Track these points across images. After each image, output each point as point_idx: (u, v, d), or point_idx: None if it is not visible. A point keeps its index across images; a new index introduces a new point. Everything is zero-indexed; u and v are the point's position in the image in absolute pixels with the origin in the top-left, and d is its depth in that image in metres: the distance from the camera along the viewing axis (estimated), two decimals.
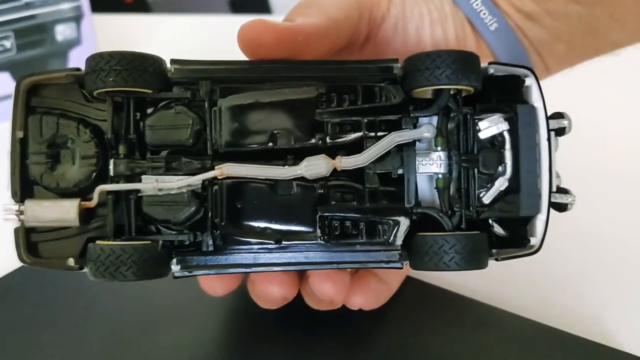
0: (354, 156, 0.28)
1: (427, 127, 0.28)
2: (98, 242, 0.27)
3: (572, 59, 0.39)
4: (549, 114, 0.30)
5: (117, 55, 0.26)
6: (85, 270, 0.27)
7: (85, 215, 0.28)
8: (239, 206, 0.28)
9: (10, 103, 0.28)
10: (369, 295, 0.32)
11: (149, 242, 0.27)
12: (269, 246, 0.28)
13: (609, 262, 0.43)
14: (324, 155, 0.28)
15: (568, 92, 0.44)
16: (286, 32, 0.28)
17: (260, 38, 0.28)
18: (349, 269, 0.31)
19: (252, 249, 0.28)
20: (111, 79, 0.26)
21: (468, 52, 0.28)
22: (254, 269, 0.28)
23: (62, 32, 0.63)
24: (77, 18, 0.64)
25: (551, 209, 0.30)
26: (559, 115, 0.30)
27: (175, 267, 0.28)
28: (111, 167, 0.28)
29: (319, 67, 0.29)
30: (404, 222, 0.28)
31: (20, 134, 0.28)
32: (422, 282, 0.38)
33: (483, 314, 0.37)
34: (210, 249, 0.28)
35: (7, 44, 0.59)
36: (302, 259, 0.28)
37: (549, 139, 0.29)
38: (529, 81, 0.29)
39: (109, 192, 0.27)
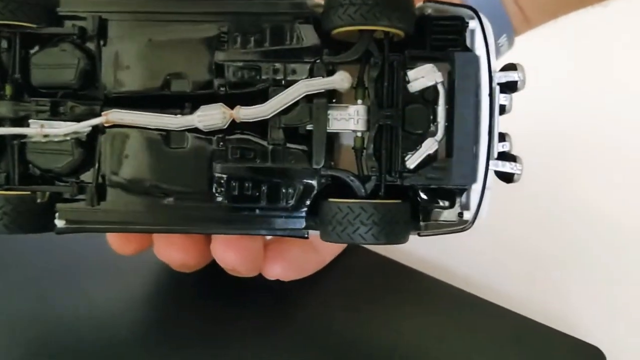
0: (256, 106, 0.24)
1: (341, 75, 0.24)
2: None
3: (556, 8, 0.33)
4: (500, 66, 0.25)
5: None
6: None
7: None
8: (128, 158, 0.25)
9: None
10: (287, 265, 0.28)
11: (28, 193, 0.24)
12: (159, 204, 0.25)
13: (581, 249, 0.38)
14: (221, 104, 0.24)
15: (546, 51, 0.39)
16: None
17: None
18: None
19: (141, 206, 0.25)
20: None
21: None
22: (139, 229, 0.25)
23: None
24: None
25: (496, 179, 0.25)
26: (510, 67, 0.25)
27: (58, 222, 0.25)
28: None
29: (221, 1, 0.25)
30: (312, 186, 0.25)
31: None
32: (370, 251, 0.35)
33: (428, 286, 0.34)
34: (95, 204, 0.25)
35: None
36: (194, 221, 0.25)
37: (490, 95, 0.24)
38: (473, 24, 0.24)
39: None
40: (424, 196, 0.25)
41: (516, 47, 0.35)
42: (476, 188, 0.24)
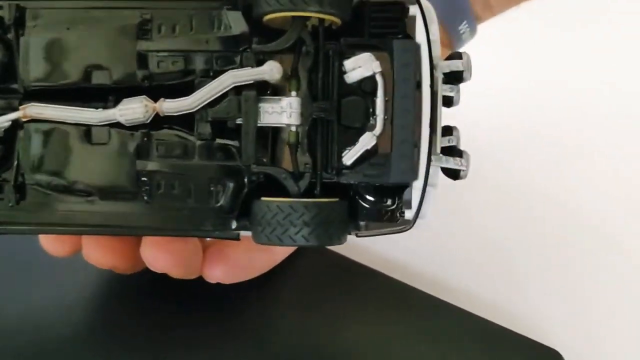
0: (180, 99, 0.22)
1: (270, 65, 0.22)
2: None
3: None
4: (451, 53, 0.24)
5: None
6: None
7: None
8: (48, 155, 0.23)
9: None
10: (229, 268, 0.27)
11: None
12: (83, 204, 0.24)
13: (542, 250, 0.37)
14: (143, 97, 0.22)
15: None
16: None
17: None
18: None
19: (63, 206, 0.24)
20: None
21: None
22: (60, 231, 0.24)
23: None
24: None
25: (443, 175, 0.24)
26: (455, 56, 0.23)
27: None
28: None
29: None
30: (242, 184, 0.23)
31: None
32: (327, 249, 0.33)
33: (386, 287, 0.32)
34: (11, 203, 0.24)
35: None
36: (119, 221, 0.23)
37: (432, 86, 0.22)
38: (414, 10, 0.23)
39: None
40: (363, 194, 0.23)
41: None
42: (417, 185, 0.22)
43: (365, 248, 0.35)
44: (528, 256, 0.37)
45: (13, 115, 0.23)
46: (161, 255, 0.25)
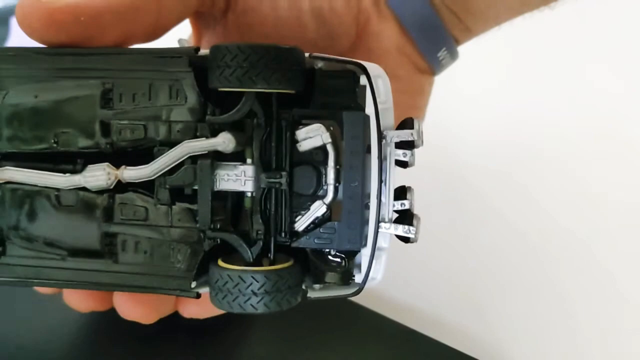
0: (139, 167, 0.24)
1: (223, 137, 0.23)
2: None
3: (497, 15, 0.31)
4: (404, 119, 0.24)
5: None
6: None
7: None
8: (24, 215, 0.25)
9: None
10: (202, 303, 0.28)
11: None
12: (55, 261, 0.25)
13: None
14: (106, 164, 0.24)
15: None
16: (61, 12, 0.23)
17: (31, 20, 0.23)
18: None
19: (38, 262, 0.25)
20: None
21: (273, 46, 0.22)
22: (36, 284, 0.26)
23: None
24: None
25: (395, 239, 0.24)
26: (406, 124, 0.23)
27: None
28: None
29: (104, 58, 0.24)
30: (199, 247, 0.24)
31: None
32: None
33: (349, 313, 0.33)
34: None
35: None
36: (88, 278, 0.25)
37: (381, 157, 0.23)
38: (364, 80, 0.23)
39: None
40: (315, 258, 0.24)
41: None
42: (365, 253, 0.23)
43: None
44: (494, 279, 0.37)
45: None
46: (132, 307, 0.26)
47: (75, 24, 0.24)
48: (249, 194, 0.24)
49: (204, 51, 0.23)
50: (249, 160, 0.24)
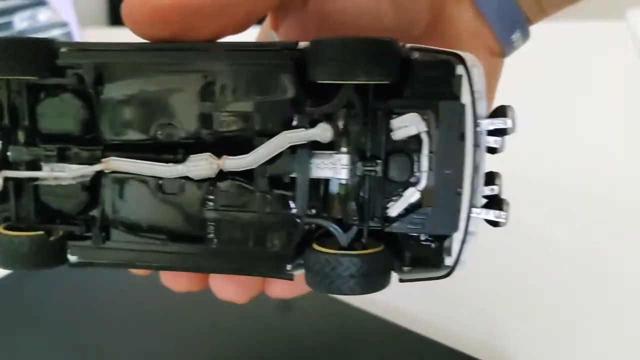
0: (240, 157, 0.25)
1: (322, 128, 0.24)
2: (0, 229, 0.27)
3: None
4: (494, 107, 0.24)
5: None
6: None
7: None
8: (128, 202, 0.26)
9: None
10: (290, 284, 0.30)
11: (41, 232, 0.27)
12: (157, 245, 0.27)
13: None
14: (208, 154, 0.25)
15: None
16: (168, 7, 0.24)
17: (139, 17, 0.25)
18: None
19: (141, 246, 0.27)
20: None
21: (373, 39, 0.23)
22: (138, 266, 0.27)
23: None
24: None
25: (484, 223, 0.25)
26: (500, 112, 0.24)
27: (71, 257, 0.27)
28: (9, 153, 0.27)
29: (206, 53, 0.25)
30: (295, 232, 0.25)
31: None
32: None
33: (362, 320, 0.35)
34: (100, 242, 0.27)
35: None
36: (189, 261, 0.26)
37: (475, 145, 0.23)
38: (460, 70, 0.24)
39: (9, 179, 0.27)
40: (406, 242, 0.25)
41: None
42: (457, 237, 0.24)
43: None
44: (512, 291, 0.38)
45: (96, 168, 0.26)
46: (228, 287, 0.28)
47: (179, 18, 0.25)
48: (342, 182, 0.25)
49: (302, 44, 0.24)
50: (343, 149, 0.25)
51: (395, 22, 0.30)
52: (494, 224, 0.25)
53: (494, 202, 0.25)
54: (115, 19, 0.81)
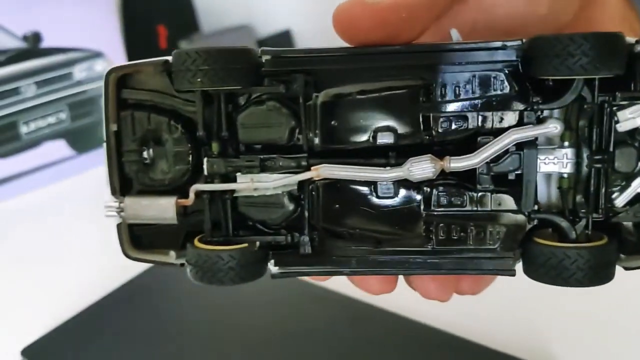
0: (466, 157, 0.24)
1: (553, 123, 0.24)
2: (196, 243, 0.26)
3: None
4: None
5: (204, 53, 0.24)
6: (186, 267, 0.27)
7: (183, 209, 0.27)
8: (337, 208, 0.26)
9: (67, 165, 0.27)
10: (474, 279, 0.30)
11: (246, 245, 0.26)
12: (368, 249, 0.26)
13: None
14: (430, 156, 0.25)
15: None
16: (388, 10, 0.24)
17: (358, 21, 0.24)
18: None
19: (350, 251, 0.26)
20: (198, 79, 0.24)
21: (609, 33, 0.23)
22: (352, 272, 0.27)
23: None
24: None
25: None
26: None
27: (273, 268, 0.27)
28: (205, 166, 0.26)
29: (423, 53, 0.25)
30: (520, 229, 0.25)
31: (114, 127, 0.27)
32: None
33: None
34: (308, 250, 0.26)
35: (63, 115, 0.73)
36: (403, 263, 0.26)
37: None
38: None
39: (204, 192, 0.27)
40: (630, 230, 0.25)
41: None
42: None
43: None
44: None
45: (308, 175, 0.25)
46: (434, 287, 0.28)
47: (396, 21, 0.24)
48: (565, 175, 0.25)
49: (512, 42, 0.24)
50: (565, 143, 0.25)
51: (549, 11, 0.30)
52: None
53: None
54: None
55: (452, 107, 0.25)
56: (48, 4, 0.70)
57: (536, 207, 0.25)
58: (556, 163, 0.25)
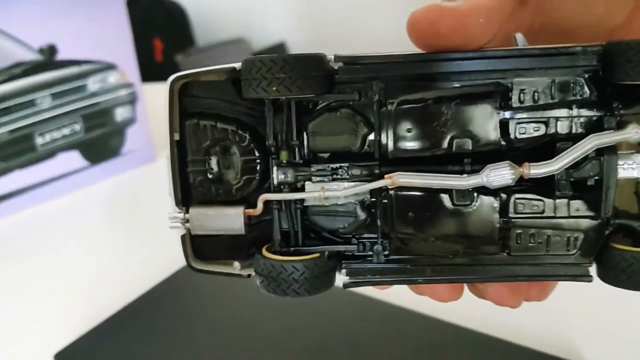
0: (545, 163, 0.24)
1: (635, 128, 0.24)
2: (265, 253, 0.26)
3: None
4: None
5: (280, 61, 0.24)
6: (255, 278, 0.26)
7: (248, 218, 0.27)
8: (411, 216, 0.26)
9: (81, 176, 0.26)
10: (543, 287, 0.29)
11: (317, 255, 0.26)
12: (445, 258, 0.26)
13: None
14: (509, 162, 0.24)
15: None
16: (467, 14, 0.24)
17: (437, 26, 0.24)
18: None
19: (424, 259, 0.26)
20: (274, 88, 0.24)
21: None
22: (427, 280, 0.26)
23: (121, 114, 0.78)
24: (132, 101, 0.79)
25: None
26: None
27: (344, 277, 0.26)
28: (274, 175, 0.26)
29: (499, 59, 0.24)
30: (598, 235, 0.25)
31: (176, 136, 0.27)
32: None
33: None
34: (382, 259, 0.26)
35: (77, 127, 0.73)
36: (479, 271, 0.26)
37: None
38: None
39: (272, 201, 0.26)
40: None
41: None
42: None
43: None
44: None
45: (381, 183, 0.25)
46: (507, 294, 0.27)
47: (474, 25, 0.24)
48: None
49: (592, 47, 0.24)
50: None
51: (604, 12, 0.30)
52: None
53: None
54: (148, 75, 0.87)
55: (530, 112, 0.24)
56: (63, 17, 0.71)
57: (616, 213, 0.25)
58: (635, 168, 0.24)
